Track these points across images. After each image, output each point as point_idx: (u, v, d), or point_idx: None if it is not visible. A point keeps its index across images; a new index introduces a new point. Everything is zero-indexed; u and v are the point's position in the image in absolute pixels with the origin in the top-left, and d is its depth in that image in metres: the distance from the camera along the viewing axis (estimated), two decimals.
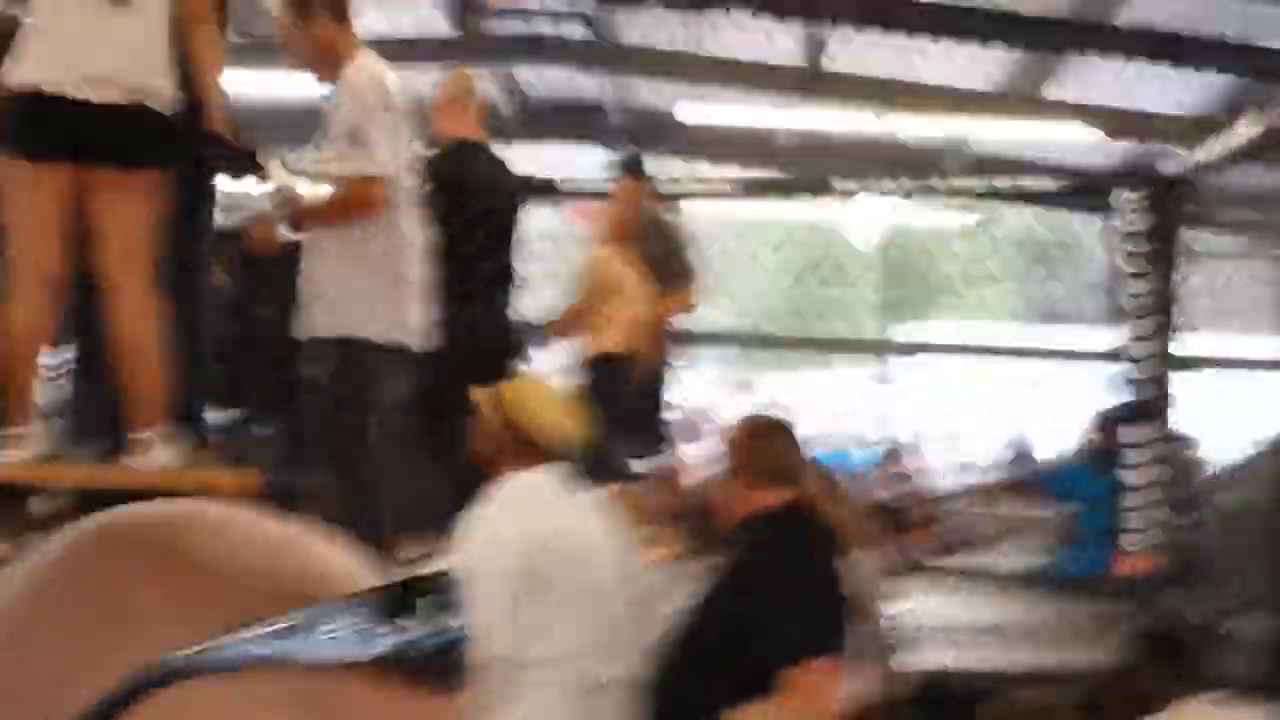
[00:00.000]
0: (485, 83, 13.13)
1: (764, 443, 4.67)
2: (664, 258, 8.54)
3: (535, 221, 8.90)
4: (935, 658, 6.15)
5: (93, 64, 4.57)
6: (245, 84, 7.84)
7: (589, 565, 4.40)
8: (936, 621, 6.65)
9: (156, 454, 4.59)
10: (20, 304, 4.67)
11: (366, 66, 5.57)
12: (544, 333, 8.48)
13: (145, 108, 4.62)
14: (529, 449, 4.49)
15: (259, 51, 9.37)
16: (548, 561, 4.27)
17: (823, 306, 16.77)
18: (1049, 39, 12.20)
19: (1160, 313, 9.72)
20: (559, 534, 4.38)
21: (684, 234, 9.04)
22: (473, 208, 6.80)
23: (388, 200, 5.40)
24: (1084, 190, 12.85)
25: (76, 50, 4.59)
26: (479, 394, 4.70)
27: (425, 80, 7.77)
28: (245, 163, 5.10)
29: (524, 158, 9.05)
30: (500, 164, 7.37)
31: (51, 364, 4.91)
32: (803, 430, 17.46)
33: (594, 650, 4.34)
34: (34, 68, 4.63)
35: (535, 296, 8.71)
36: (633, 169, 8.99)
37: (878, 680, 4.61)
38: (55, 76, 4.58)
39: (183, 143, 4.78)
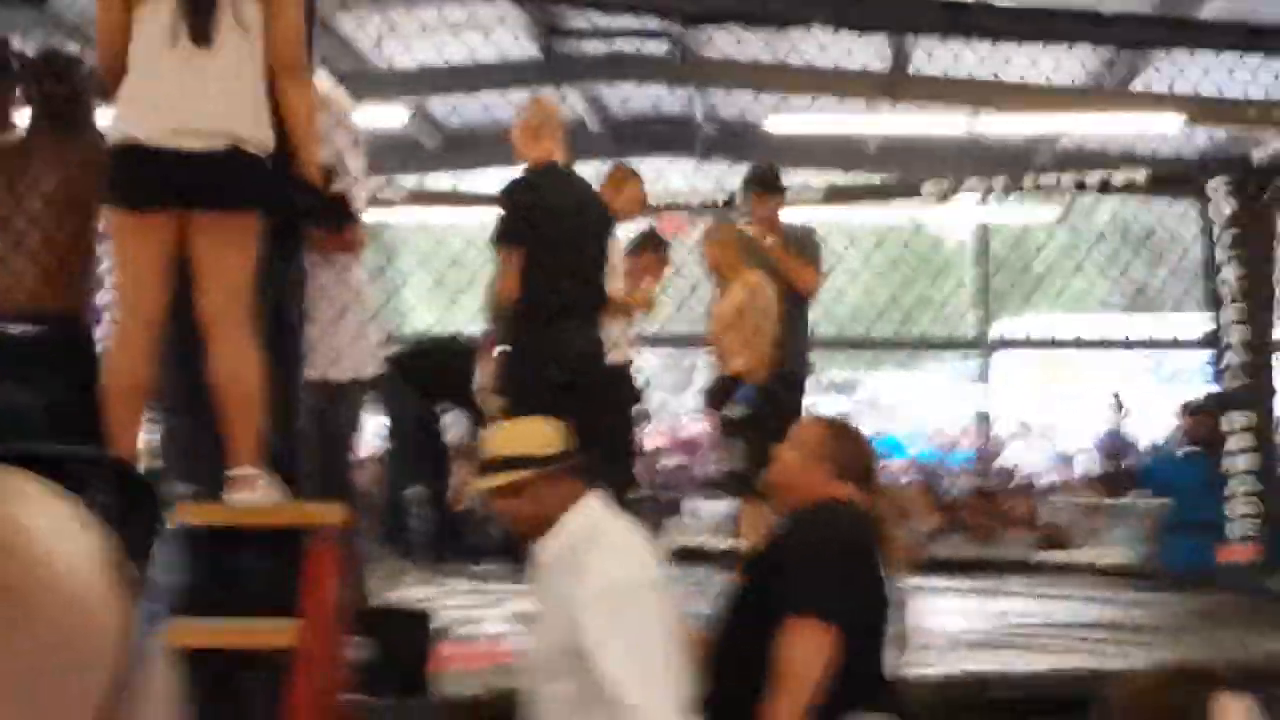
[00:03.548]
0: (571, 103, 13.30)
1: (842, 440, 4.68)
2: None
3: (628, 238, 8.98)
4: (1036, 658, 6.14)
5: (185, 113, 4.61)
6: None
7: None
8: (1037, 620, 6.66)
9: (255, 490, 4.67)
10: (124, 350, 4.77)
11: (333, 88, 5.67)
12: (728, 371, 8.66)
13: (240, 152, 4.66)
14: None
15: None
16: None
17: (918, 307, 16.79)
18: (1135, 36, 12.16)
19: (1257, 298, 9.67)
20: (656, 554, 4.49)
21: (807, 235, 9.13)
22: (557, 230, 6.90)
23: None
24: (1175, 179, 12.74)
25: (167, 100, 4.64)
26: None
27: (510, 105, 7.89)
28: (335, 211, 5.14)
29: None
30: (582, 185, 7.47)
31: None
32: (902, 428, 17.39)
33: None
34: (129, 120, 4.72)
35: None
36: (767, 184, 9.04)
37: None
38: (149, 127, 4.66)
39: (277, 187, 4.84)
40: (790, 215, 9.35)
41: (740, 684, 4.32)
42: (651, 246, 8.94)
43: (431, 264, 8.04)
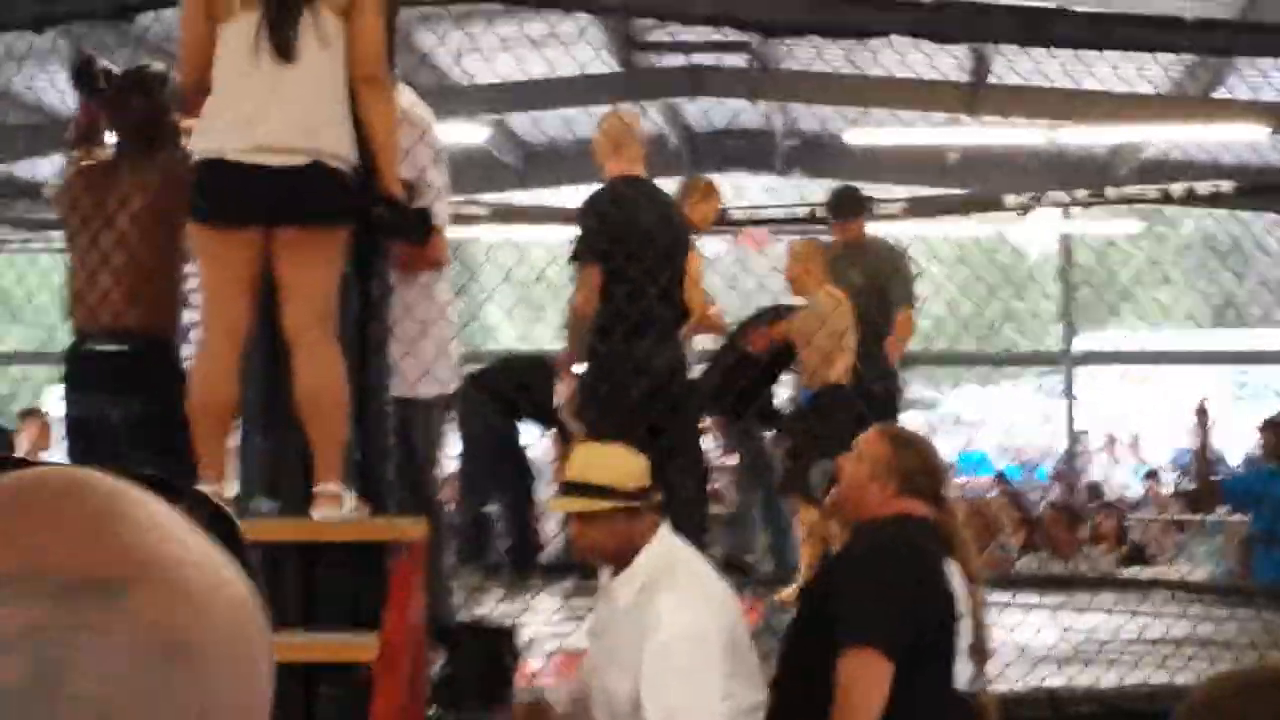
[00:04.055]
0: (651, 118, 13.31)
1: (908, 453, 4.57)
2: (886, 283, 8.61)
3: (706, 250, 8.96)
4: (1120, 673, 6.09)
5: (268, 128, 4.64)
6: None
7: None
8: (1125, 634, 6.60)
9: (339, 507, 4.68)
10: (209, 367, 4.80)
11: (414, 102, 5.63)
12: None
13: (324, 167, 4.68)
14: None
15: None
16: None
17: (1000, 320, 16.69)
18: (1218, 43, 12.04)
19: None
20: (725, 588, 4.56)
21: (899, 256, 9.02)
22: (637, 243, 6.89)
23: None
24: (1261, 189, 12.62)
25: (251, 116, 4.66)
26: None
27: (591, 120, 7.89)
28: (416, 225, 5.15)
29: None
30: (664, 199, 7.46)
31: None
32: (986, 444, 17.25)
33: None
34: (213, 136, 4.75)
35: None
36: (842, 208, 8.97)
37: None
38: (233, 144, 4.69)
39: (360, 201, 4.82)
40: (871, 229, 9.28)
41: (806, 710, 4.30)
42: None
43: (514, 280, 8.04)
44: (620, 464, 4.49)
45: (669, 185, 8.03)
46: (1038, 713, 5.61)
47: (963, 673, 4.43)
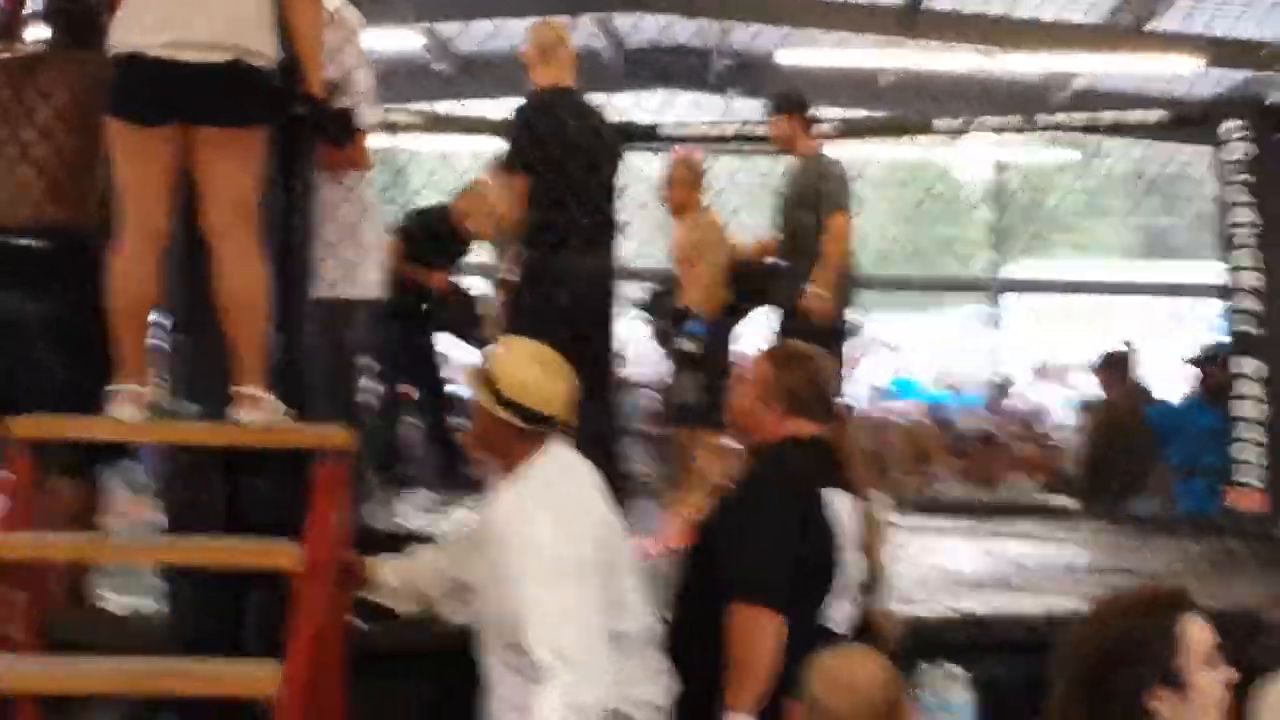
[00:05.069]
0: (586, 32, 13.21)
1: (793, 372, 4.58)
2: (815, 198, 8.37)
3: (639, 167, 8.88)
4: (1033, 600, 6.12)
5: (187, 24, 4.57)
6: None
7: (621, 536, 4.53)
8: (1045, 561, 6.65)
9: (260, 410, 4.64)
10: (127, 263, 4.72)
11: (342, 4, 5.55)
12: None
13: (246, 66, 4.61)
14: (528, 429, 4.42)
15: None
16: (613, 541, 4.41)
17: (930, 246, 16.72)
18: None
19: (1270, 244, 9.57)
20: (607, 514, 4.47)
21: (827, 174, 8.77)
22: (565, 155, 6.85)
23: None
24: (1191, 121, 12.66)
25: (170, 11, 4.58)
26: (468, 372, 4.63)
27: (525, 32, 7.82)
28: (338, 125, 5.10)
29: (625, 104, 9.09)
30: (593, 111, 7.41)
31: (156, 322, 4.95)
32: (913, 370, 17.27)
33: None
34: (131, 31, 4.67)
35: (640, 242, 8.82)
36: (777, 104, 8.75)
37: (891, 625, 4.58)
38: (151, 40, 4.60)
39: (281, 100, 4.77)
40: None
41: (698, 642, 4.36)
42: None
43: (441, 184, 7.95)
44: (538, 383, 4.43)
45: (602, 99, 7.96)
46: (958, 635, 5.63)
47: (840, 611, 4.45)
